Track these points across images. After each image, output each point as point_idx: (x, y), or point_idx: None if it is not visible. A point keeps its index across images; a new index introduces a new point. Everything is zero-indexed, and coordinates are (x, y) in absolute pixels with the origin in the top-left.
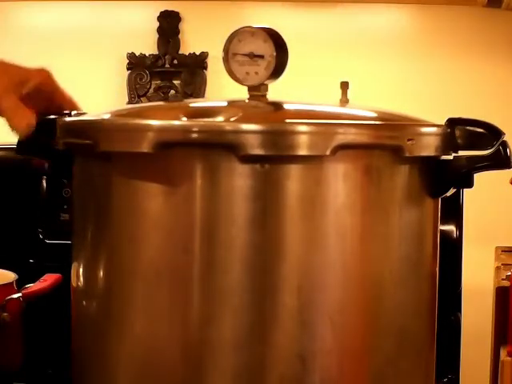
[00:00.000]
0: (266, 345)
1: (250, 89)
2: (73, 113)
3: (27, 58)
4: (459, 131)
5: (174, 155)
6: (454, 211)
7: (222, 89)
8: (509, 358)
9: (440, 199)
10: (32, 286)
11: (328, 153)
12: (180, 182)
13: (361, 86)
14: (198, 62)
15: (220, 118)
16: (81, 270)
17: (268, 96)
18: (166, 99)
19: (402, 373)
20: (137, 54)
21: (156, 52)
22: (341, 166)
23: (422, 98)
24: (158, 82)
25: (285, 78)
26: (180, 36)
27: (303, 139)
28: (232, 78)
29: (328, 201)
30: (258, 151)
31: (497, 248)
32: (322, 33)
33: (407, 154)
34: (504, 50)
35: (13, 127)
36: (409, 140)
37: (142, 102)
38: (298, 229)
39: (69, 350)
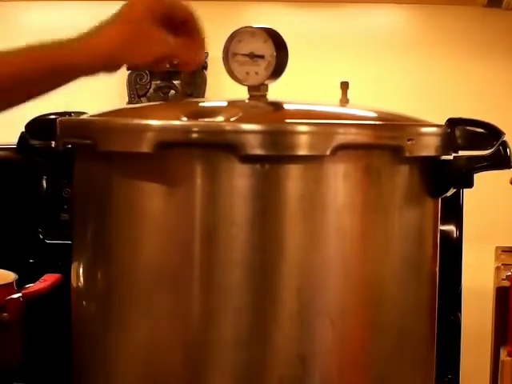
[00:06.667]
0: (266, 345)
1: (250, 89)
2: (73, 113)
3: None
4: (459, 131)
5: (173, 155)
6: (454, 211)
7: (222, 89)
8: (509, 358)
9: (440, 199)
10: (32, 286)
11: (328, 153)
12: (180, 182)
13: (361, 86)
14: None
15: (220, 118)
16: (81, 270)
17: (268, 96)
18: (165, 99)
19: (402, 373)
20: None
21: None
22: (341, 165)
23: (422, 97)
24: (158, 82)
25: (285, 78)
26: None
27: (303, 139)
28: (232, 78)
29: (328, 201)
30: (258, 151)
31: (497, 248)
32: (322, 33)
33: (407, 154)
34: (504, 49)
35: (182, 64)
36: (409, 140)
37: (141, 101)
38: (298, 229)
39: (69, 350)
